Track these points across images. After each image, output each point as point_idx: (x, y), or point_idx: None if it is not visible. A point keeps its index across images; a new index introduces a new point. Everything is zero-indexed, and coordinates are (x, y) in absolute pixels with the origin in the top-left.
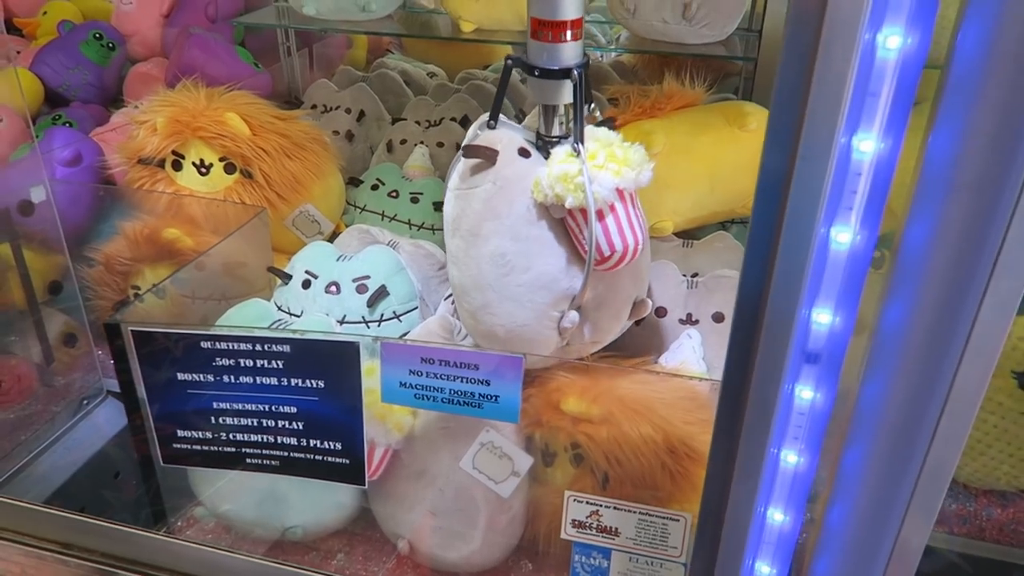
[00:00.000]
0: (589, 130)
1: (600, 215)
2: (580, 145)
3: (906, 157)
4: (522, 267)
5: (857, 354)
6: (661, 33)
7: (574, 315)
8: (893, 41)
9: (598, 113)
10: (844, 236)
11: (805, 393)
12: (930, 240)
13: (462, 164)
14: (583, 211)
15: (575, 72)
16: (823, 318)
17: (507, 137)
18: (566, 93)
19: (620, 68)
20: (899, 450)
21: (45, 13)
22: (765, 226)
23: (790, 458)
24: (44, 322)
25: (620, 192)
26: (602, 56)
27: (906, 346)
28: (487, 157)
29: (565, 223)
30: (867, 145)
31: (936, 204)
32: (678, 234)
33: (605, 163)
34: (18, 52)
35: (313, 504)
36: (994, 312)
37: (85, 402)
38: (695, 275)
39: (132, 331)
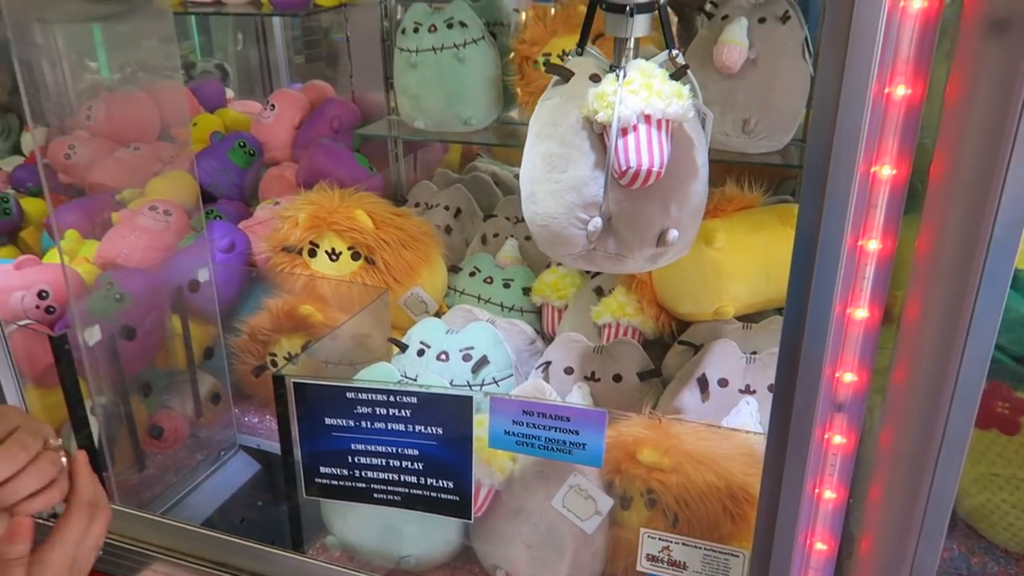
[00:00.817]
0: (640, 63)
1: (624, 132)
2: (622, 71)
3: (902, 251)
4: (561, 168)
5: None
6: (723, 145)
7: (597, 220)
8: (886, 172)
9: (680, 59)
10: (861, 313)
11: (836, 439)
12: (920, 319)
13: (552, 80)
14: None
15: (629, 8)
16: (847, 377)
17: (584, 63)
18: (630, 28)
19: None
20: (911, 483)
21: (195, 124)
22: (796, 306)
23: (826, 494)
24: (197, 382)
25: (647, 117)
26: None
27: (909, 397)
28: (562, 75)
29: (603, 137)
30: (873, 245)
31: (924, 292)
32: (739, 317)
33: (638, 90)
34: (172, 157)
35: (425, 537)
36: (969, 372)
37: (222, 453)
38: (754, 353)
39: (294, 382)
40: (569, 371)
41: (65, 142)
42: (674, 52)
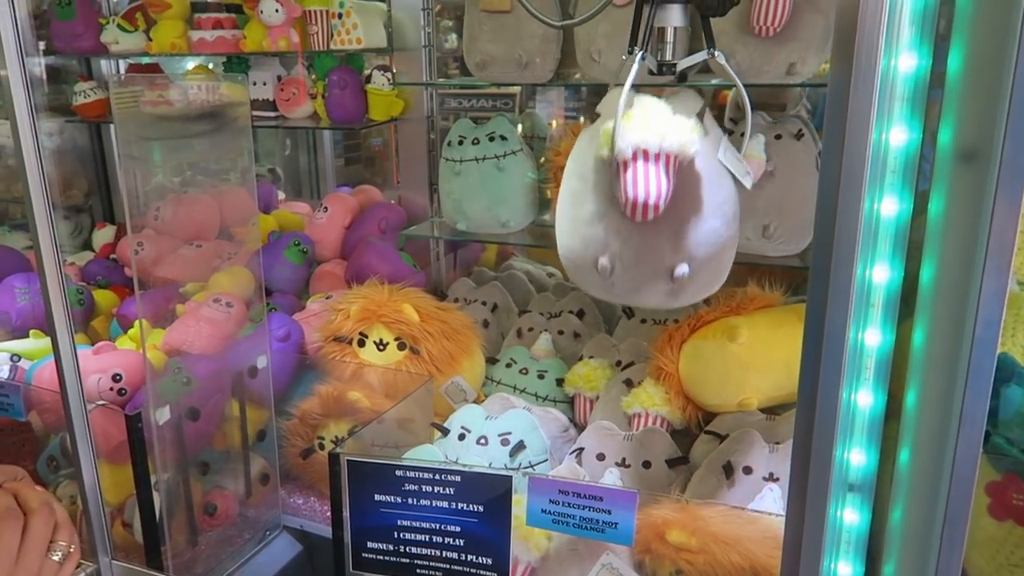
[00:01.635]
0: (646, 99)
1: (624, 166)
2: (623, 108)
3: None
4: (579, 203)
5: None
6: (745, 248)
7: (604, 260)
8: (879, 274)
9: (721, 58)
10: (866, 399)
11: (849, 516)
12: (919, 407)
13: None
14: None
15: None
16: (857, 458)
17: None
18: (670, 17)
19: None
20: (926, 505)
21: (254, 224)
22: (807, 393)
23: (841, 569)
24: (250, 463)
25: (645, 152)
26: None
27: (913, 477)
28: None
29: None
30: (872, 339)
31: (921, 383)
32: (763, 410)
33: (636, 125)
34: (232, 255)
35: None
36: (975, 388)
37: (267, 533)
38: (777, 442)
39: (347, 460)
40: (601, 457)
41: (134, 239)
42: (714, 52)
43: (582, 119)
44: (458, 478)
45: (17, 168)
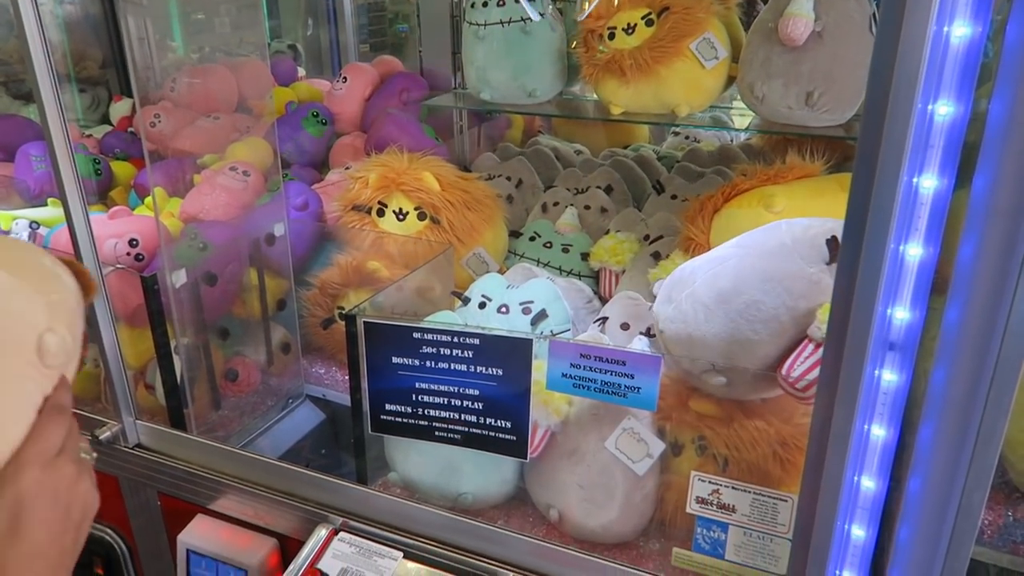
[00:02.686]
0: None
1: None
2: None
3: (958, 200)
4: None
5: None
6: (786, 118)
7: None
8: (942, 109)
9: None
10: (914, 251)
11: (888, 376)
12: (974, 261)
13: None
14: None
15: None
16: (900, 315)
17: None
18: None
19: (749, 149)
20: (959, 424)
21: (270, 96)
22: (852, 245)
23: (876, 431)
24: (270, 331)
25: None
26: (732, 139)
27: (960, 340)
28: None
29: None
30: (928, 183)
31: (978, 232)
32: None
33: None
34: (248, 127)
35: (482, 475)
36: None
37: (290, 401)
38: None
39: (364, 321)
40: (625, 327)
41: (151, 111)
42: None
43: None
44: (477, 341)
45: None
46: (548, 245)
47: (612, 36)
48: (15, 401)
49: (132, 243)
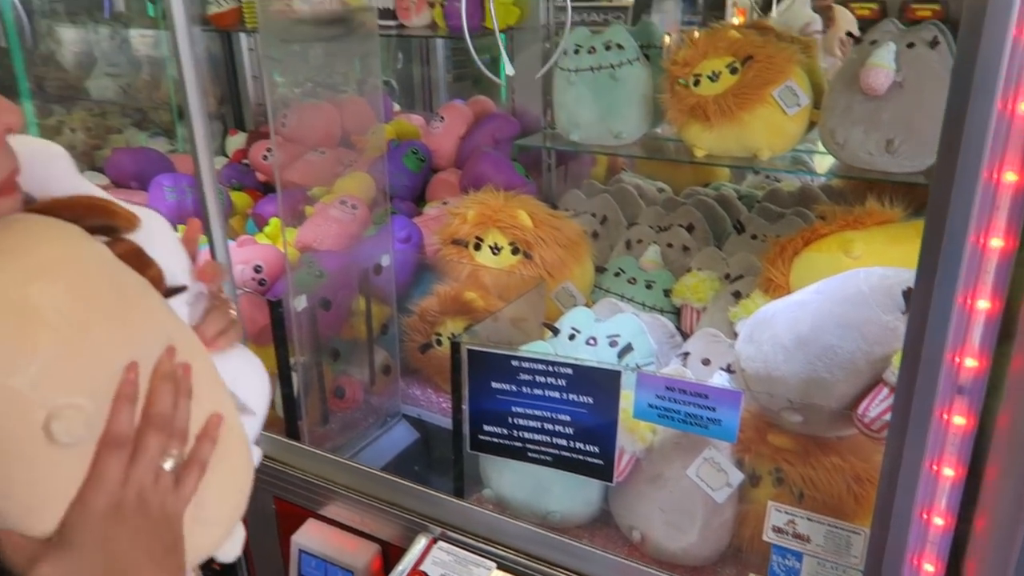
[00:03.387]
0: None
1: None
2: None
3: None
4: None
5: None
6: (866, 164)
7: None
8: (1008, 177)
9: None
10: (982, 302)
11: (957, 419)
12: None
13: None
14: None
15: None
16: (969, 362)
17: None
18: None
19: (829, 190)
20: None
21: (373, 132)
22: (922, 296)
23: (946, 471)
24: (374, 353)
25: None
26: (813, 179)
27: None
28: None
29: None
30: (995, 241)
31: None
32: None
33: None
34: (352, 161)
35: (570, 496)
36: None
37: (388, 419)
38: None
39: (468, 349)
40: (707, 362)
41: (263, 145)
42: None
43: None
44: (570, 371)
45: (162, 76)
46: (632, 281)
47: (697, 83)
48: (46, 492)
49: (257, 269)
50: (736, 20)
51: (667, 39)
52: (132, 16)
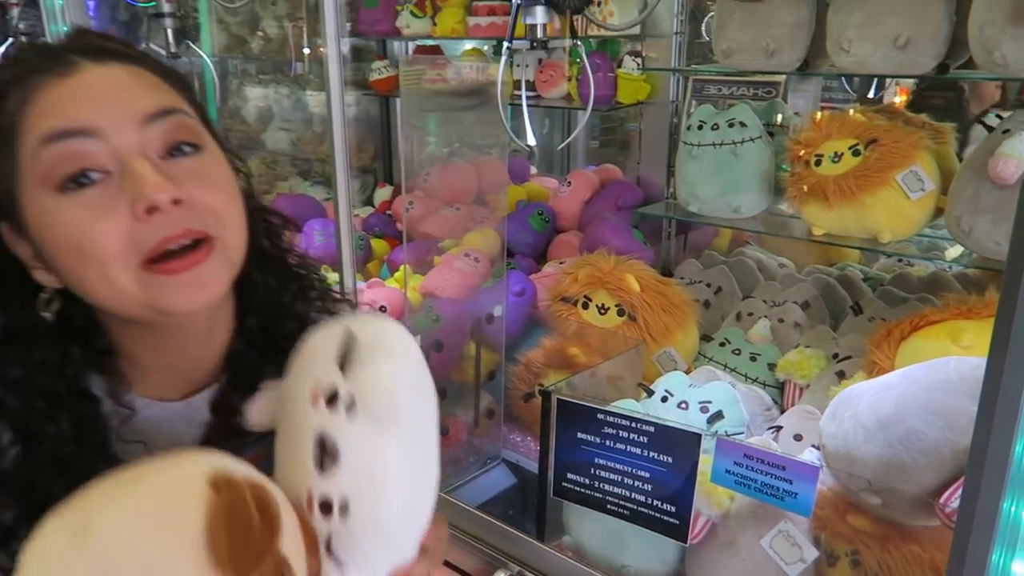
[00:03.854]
0: None
1: None
2: None
3: None
4: None
5: None
6: (994, 253)
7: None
8: None
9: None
10: None
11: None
12: None
13: None
14: None
15: None
16: None
17: None
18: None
19: (964, 279)
20: None
21: (504, 193)
22: (991, 387)
23: (1017, 568)
24: (480, 397)
25: None
26: (950, 267)
27: None
28: None
29: None
30: None
31: None
32: None
33: None
34: (484, 218)
35: (646, 552)
36: None
37: (488, 461)
38: None
39: (558, 398)
40: (798, 438)
41: (407, 198)
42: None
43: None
44: (652, 429)
45: (327, 132)
46: (737, 352)
47: (819, 163)
48: None
49: (381, 309)
50: (898, 99)
51: (794, 118)
52: (309, 78)
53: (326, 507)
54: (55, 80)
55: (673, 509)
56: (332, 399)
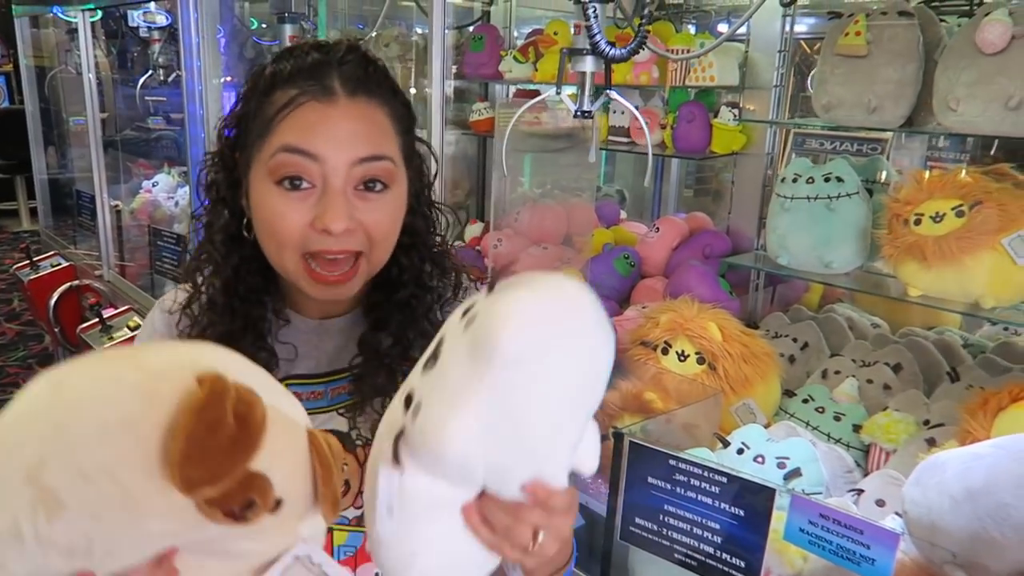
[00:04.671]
0: None
1: None
2: None
3: None
4: None
5: None
6: None
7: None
8: None
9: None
10: None
11: None
12: None
13: None
14: None
15: None
16: None
17: None
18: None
19: None
20: None
21: (593, 235)
22: None
23: None
24: None
25: None
26: None
27: None
28: None
29: None
30: None
31: None
32: None
33: None
34: (570, 259)
35: None
36: None
37: None
38: None
39: (630, 440)
40: (881, 503)
41: (496, 235)
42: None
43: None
44: (725, 479)
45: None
46: (820, 410)
47: (918, 222)
48: None
49: None
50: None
51: (895, 176)
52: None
53: (408, 401)
54: (314, 105)
55: (743, 564)
56: (466, 312)
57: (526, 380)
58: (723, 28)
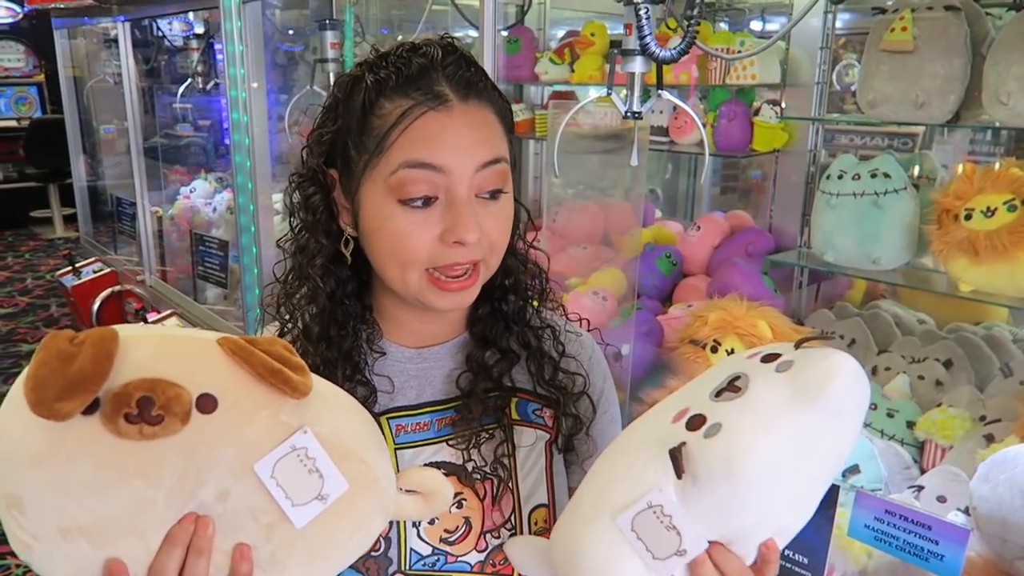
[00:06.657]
0: None
1: None
2: None
3: None
4: None
5: None
6: None
7: None
8: None
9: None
10: None
11: None
12: None
13: None
14: None
15: None
16: None
17: None
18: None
19: None
20: None
21: (632, 235)
22: None
23: None
24: None
25: None
26: None
27: None
28: None
29: None
30: None
31: None
32: None
33: None
34: (610, 259)
35: None
36: None
37: None
38: None
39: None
40: (942, 499)
41: (531, 237)
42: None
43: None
44: None
45: None
46: (873, 407)
47: (969, 217)
48: None
49: None
50: None
51: (940, 170)
52: None
53: (697, 420)
54: (431, 115)
55: (806, 561)
56: (770, 357)
57: (839, 427)
58: (756, 25)
